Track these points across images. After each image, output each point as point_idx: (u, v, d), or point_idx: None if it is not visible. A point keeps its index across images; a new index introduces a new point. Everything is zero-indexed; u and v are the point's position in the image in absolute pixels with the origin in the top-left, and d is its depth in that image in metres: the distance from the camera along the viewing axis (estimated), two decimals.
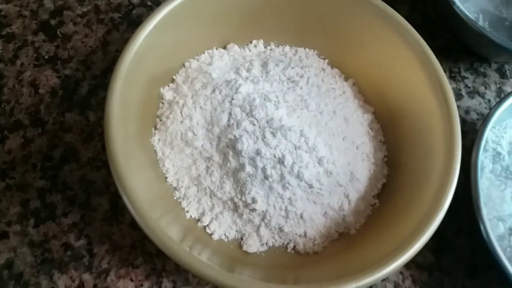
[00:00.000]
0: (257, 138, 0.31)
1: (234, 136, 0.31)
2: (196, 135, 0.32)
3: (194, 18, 0.34)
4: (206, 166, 0.32)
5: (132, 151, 0.30)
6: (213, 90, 0.33)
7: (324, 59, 0.38)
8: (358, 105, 0.36)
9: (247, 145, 0.30)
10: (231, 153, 0.31)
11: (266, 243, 0.31)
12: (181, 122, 0.32)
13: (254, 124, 0.31)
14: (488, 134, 0.33)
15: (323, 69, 0.37)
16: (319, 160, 0.31)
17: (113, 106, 0.29)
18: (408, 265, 0.33)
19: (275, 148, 0.30)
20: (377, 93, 0.36)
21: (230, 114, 0.32)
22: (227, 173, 0.31)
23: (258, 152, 0.30)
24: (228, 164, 0.31)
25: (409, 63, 0.34)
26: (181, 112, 0.33)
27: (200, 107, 0.33)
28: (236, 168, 0.31)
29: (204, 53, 0.37)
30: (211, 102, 0.33)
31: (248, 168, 0.30)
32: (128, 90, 0.30)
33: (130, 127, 0.30)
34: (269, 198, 0.31)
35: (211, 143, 0.32)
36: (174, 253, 0.27)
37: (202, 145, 0.32)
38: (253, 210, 0.31)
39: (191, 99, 0.33)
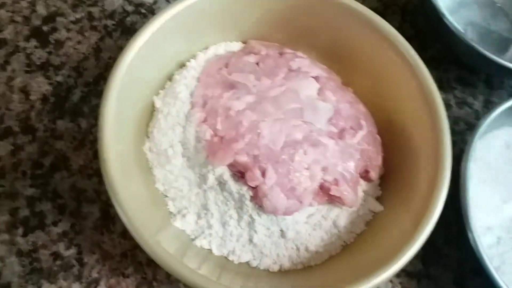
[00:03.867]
0: None
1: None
2: (174, 152, 0.32)
3: (188, 28, 0.34)
4: (188, 181, 0.32)
5: (126, 159, 0.30)
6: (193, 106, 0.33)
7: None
8: None
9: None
10: (209, 172, 0.31)
11: (258, 257, 0.31)
12: (165, 133, 0.32)
13: None
14: (477, 144, 0.34)
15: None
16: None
17: (107, 115, 0.29)
18: (397, 273, 0.33)
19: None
20: (373, 103, 0.37)
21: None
22: (209, 189, 0.31)
23: None
24: (206, 184, 0.31)
25: (400, 73, 0.35)
26: (165, 121, 0.33)
27: (179, 119, 0.33)
28: (214, 187, 0.31)
29: (189, 61, 0.36)
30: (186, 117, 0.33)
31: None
32: (123, 99, 0.30)
33: (124, 136, 0.30)
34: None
35: (188, 161, 0.32)
36: (165, 263, 0.27)
37: (181, 163, 0.32)
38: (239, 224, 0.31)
39: (173, 108, 0.33)
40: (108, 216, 0.33)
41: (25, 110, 0.37)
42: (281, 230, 0.31)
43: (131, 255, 0.32)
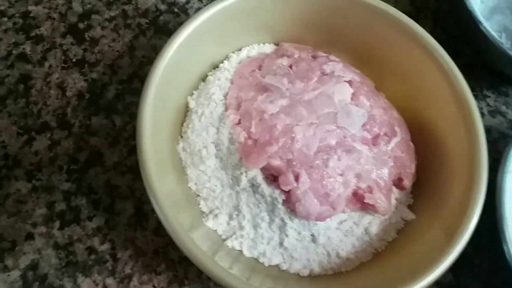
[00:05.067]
0: None
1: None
2: (208, 153, 0.32)
3: (223, 30, 0.35)
4: (220, 182, 0.32)
5: (161, 158, 0.30)
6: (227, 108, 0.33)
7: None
8: None
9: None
10: (242, 174, 0.31)
11: (288, 261, 0.31)
12: (199, 134, 0.33)
13: None
14: None
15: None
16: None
17: (145, 115, 0.29)
18: None
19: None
20: (404, 109, 0.36)
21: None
22: (241, 191, 0.31)
23: None
24: (238, 186, 0.31)
25: (434, 79, 0.34)
26: (199, 122, 0.33)
27: (213, 120, 0.33)
28: (247, 189, 0.31)
29: (222, 62, 0.36)
30: (219, 118, 0.33)
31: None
32: (159, 99, 0.30)
33: (160, 135, 0.31)
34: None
35: (221, 162, 0.32)
36: (198, 260, 0.27)
37: (214, 164, 0.32)
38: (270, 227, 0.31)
39: (207, 109, 0.33)
40: (142, 213, 0.34)
41: (61, 105, 0.37)
42: (312, 235, 0.31)
43: (163, 252, 0.33)
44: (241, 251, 0.31)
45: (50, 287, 0.31)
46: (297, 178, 0.30)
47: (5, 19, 0.41)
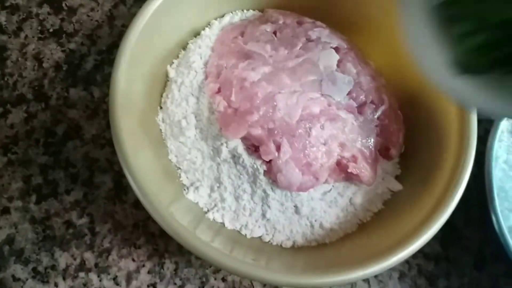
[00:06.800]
0: None
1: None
2: (188, 123, 0.31)
3: None
4: (201, 154, 0.31)
5: (138, 130, 0.29)
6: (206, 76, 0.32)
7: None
8: None
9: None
10: (222, 144, 0.30)
11: (271, 233, 0.31)
12: (179, 104, 0.31)
13: None
14: (504, 124, 0.32)
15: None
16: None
17: (118, 84, 0.28)
18: (414, 255, 0.32)
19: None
20: (395, 78, 0.35)
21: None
22: (222, 162, 0.30)
23: None
24: (219, 157, 0.30)
25: None
26: (179, 92, 0.32)
27: (193, 89, 0.32)
28: (228, 160, 0.30)
29: (204, 29, 0.35)
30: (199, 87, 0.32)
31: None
32: (134, 68, 0.29)
33: (137, 105, 0.29)
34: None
35: (201, 133, 0.31)
36: (177, 234, 0.27)
37: (194, 135, 0.31)
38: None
39: (187, 78, 0.32)
40: (121, 186, 0.33)
41: (38, 77, 0.36)
42: (295, 206, 0.30)
43: (143, 225, 0.32)
44: (223, 224, 0.31)
45: (26, 261, 0.31)
46: (278, 147, 0.28)
47: None
